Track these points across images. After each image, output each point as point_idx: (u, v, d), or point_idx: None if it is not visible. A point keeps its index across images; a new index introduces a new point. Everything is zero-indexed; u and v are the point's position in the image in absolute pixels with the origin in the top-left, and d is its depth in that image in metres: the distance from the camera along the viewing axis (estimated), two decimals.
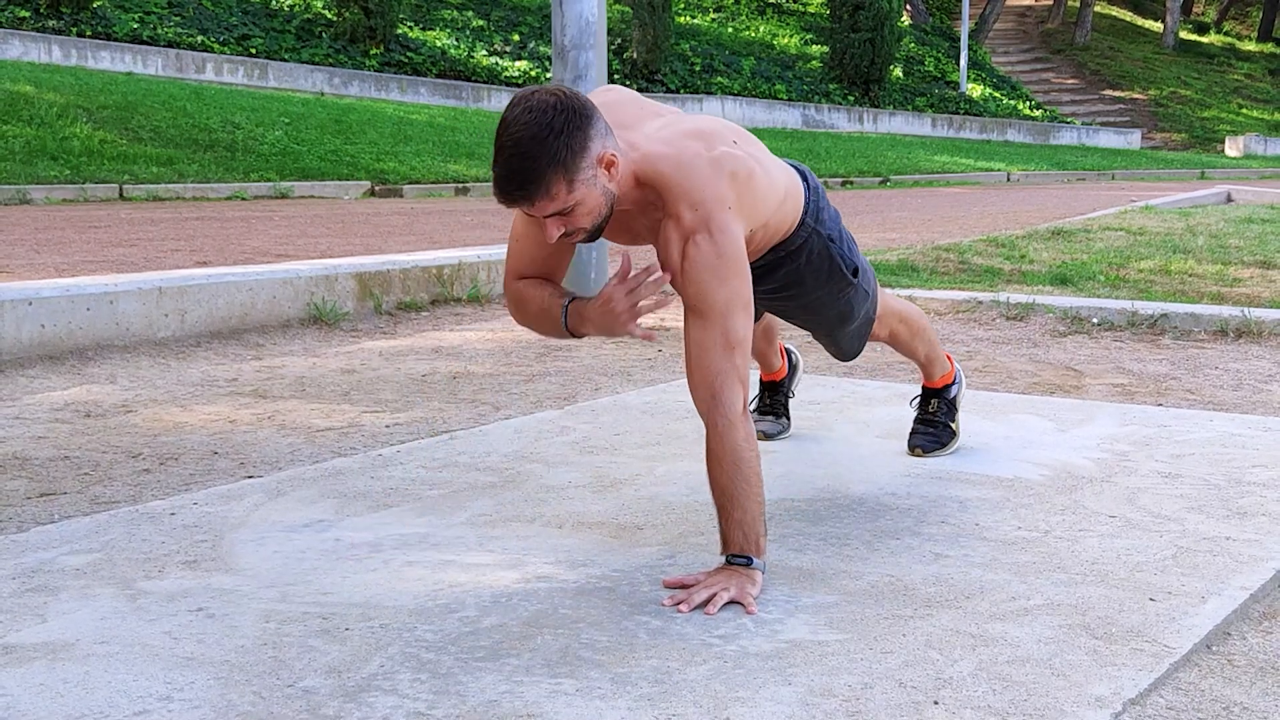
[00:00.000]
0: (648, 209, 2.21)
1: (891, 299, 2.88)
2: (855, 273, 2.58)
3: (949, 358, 3.12)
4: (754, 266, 2.29)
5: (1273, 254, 7.68)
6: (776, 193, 2.34)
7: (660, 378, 4.20)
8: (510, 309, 2.40)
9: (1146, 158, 27.37)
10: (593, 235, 2.16)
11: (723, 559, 2.16)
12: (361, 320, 5.44)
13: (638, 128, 2.23)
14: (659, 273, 2.18)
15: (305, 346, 4.89)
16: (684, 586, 2.13)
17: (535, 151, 1.99)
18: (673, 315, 5.80)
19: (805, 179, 2.50)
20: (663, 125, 2.27)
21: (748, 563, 2.13)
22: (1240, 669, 1.92)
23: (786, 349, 3.30)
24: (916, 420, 3.11)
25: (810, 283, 2.53)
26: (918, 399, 3.13)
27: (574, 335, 2.30)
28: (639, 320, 2.21)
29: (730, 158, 2.20)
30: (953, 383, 3.10)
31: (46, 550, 2.35)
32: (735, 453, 2.13)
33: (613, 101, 2.29)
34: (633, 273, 2.19)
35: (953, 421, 3.09)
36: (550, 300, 2.31)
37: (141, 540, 2.41)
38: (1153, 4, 41.94)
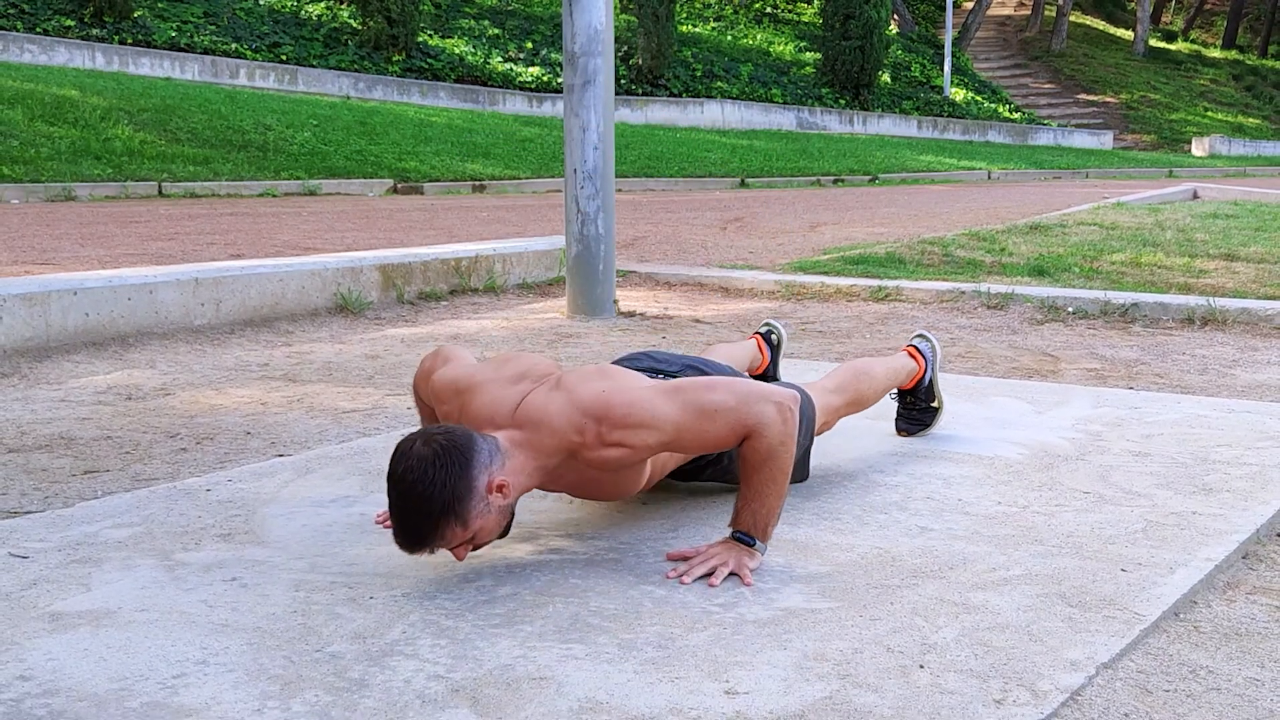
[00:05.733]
0: (569, 457, 2.11)
1: (829, 401, 2.69)
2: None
3: (910, 351, 3.03)
4: (685, 464, 2.39)
5: (1236, 247, 7.65)
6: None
7: None
8: (417, 393, 2.45)
9: (1118, 157, 27.27)
10: (502, 534, 2.09)
11: (729, 531, 2.15)
12: (385, 309, 5.43)
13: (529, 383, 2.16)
14: None
15: (332, 334, 4.89)
16: (686, 559, 2.12)
17: (424, 509, 1.92)
18: (675, 307, 5.80)
19: None
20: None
21: (750, 542, 2.12)
22: (1206, 635, 1.92)
23: (763, 334, 3.24)
24: (899, 409, 3.09)
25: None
26: (895, 394, 3.09)
27: None
28: None
29: (590, 372, 2.18)
30: (924, 374, 3.03)
31: (90, 524, 2.35)
32: (767, 454, 2.10)
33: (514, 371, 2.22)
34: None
35: (933, 401, 3.06)
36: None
37: (179, 515, 2.41)
38: (1124, 14, 41.79)
